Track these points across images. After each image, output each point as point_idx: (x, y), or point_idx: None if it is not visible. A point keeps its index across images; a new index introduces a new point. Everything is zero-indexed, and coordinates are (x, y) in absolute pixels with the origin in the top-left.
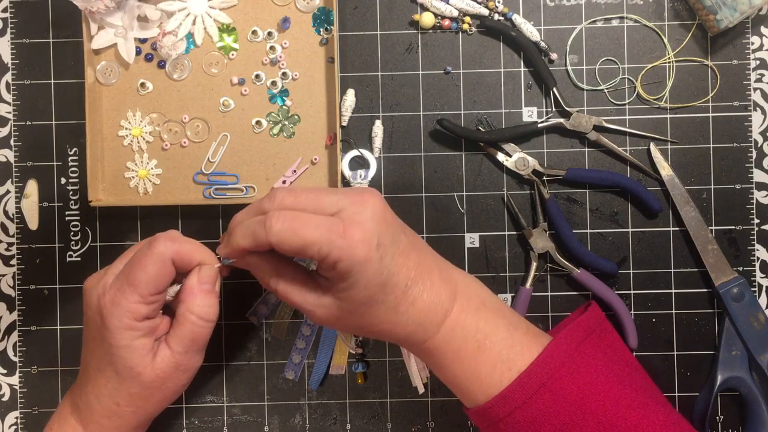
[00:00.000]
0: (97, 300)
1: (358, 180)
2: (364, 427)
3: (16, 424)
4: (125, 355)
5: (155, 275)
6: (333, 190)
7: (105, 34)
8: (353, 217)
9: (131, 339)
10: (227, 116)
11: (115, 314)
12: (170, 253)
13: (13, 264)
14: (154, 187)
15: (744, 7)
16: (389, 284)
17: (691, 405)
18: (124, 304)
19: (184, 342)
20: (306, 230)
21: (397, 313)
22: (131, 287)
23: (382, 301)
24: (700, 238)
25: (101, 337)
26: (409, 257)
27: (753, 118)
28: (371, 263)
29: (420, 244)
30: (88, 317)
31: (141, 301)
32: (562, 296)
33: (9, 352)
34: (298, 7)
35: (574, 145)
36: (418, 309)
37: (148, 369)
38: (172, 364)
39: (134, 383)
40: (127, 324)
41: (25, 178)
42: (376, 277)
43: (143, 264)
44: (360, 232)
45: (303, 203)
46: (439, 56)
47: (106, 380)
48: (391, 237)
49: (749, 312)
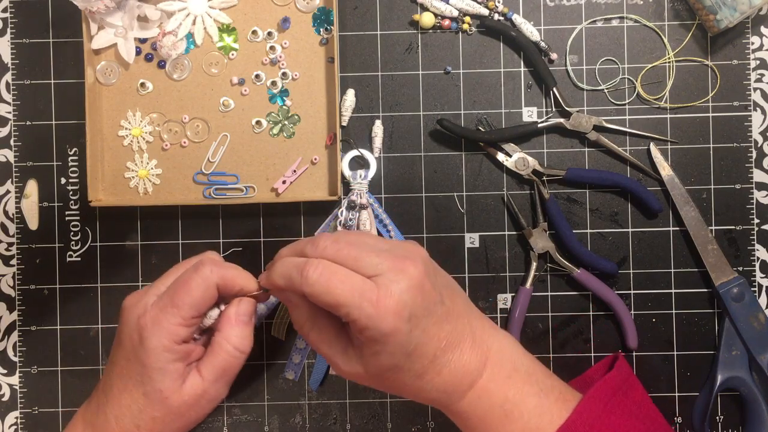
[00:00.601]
0: (137, 319)
1: (358, 180)
2: (364, 427)
3: (16, 424)
4: (157, 378)
5: (199, 298)
6: (376, 249)
7: (105, 34)
8: (389, 285)
9: (166, 361)
10: (227, 116)
11: (155, 334)
12: (215, 278)
13: (13, 264)
14: (154, 187)
15: (744, 7)
16: (416, 354)
17: (691, 405)
18: (165, 325)
19: (216, 371)
20: (339, 290)
21: (423, 381)
22: (174, 308)
23: (408, 369)
24: (700, 238)
25: (135, 357)
26: (442, 327)
27: (753, 118)
28: (400, 335)
29: (459, 310)
30: (123, 335)
31: (182, 323)
32: (562, 296)
33: (9, 352)
34: (298, 7)
35: (574, 145)
36: (444, 378)
37: (176, 394)
38: (200, 391)
39: (160, 407)
40: (165, 345)
41: (25, 178)
42: (403, 347)
43: (189, 287)
44: (393, 303)
45: (344, 257)
46: (439, 56)
47: (131, 401)
48: (426, 309)
49: (749, 312)
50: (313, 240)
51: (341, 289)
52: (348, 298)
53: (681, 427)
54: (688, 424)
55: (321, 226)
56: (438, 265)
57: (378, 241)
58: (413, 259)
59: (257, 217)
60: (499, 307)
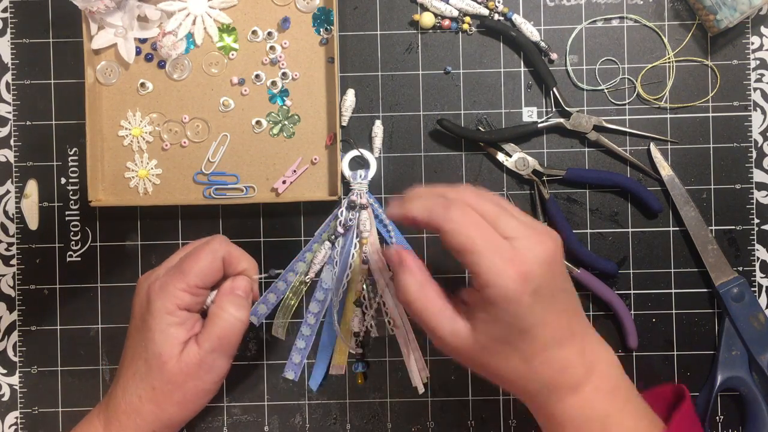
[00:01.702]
0: (147, 287)
1: (358, 180)
2: (364, 427)
3: (16, 424)
4: (158, 340)
5: (205, 267)
6: (517, 214)
7: (105, 34)
8: (525, 251)
9: (168, 324)
10: (227, 116)
11: (160, 297)
12: (222, 252)
13: (13, 264)
14: (154, 187)
15: (744, 7)
16: (531, 334)
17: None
18: (170, 289)
19: (212, 339)
20: (477, 235)
21: (529, 367)
22: (181, 274)
23: (517, 347)
24: (700, 238)
25: (142, 323)
26: (560, 317)
27: (753, 118)
28: (521, 305)
29: (577, 310)
30: (135, 306)
31: (187, 289)
32: None
33: (9, 352)
34: (298, 7)
35: (574, 145)
36: (551, 370)
37: (173, 360)
38: (197, 360)
39: (158, 374)
40: (168, 308)
41: (25, 178)
42: (521, 321)
43: (197, 256)
44: (525, 268)
45: (485, 211)
46: (439, 56)
47: (135, 369)
48: (551, 290)
49: (749, 312)
50: (455, 187)
51: (479, 235)
52: (483, 246)
53: None
54: None
55: (321, 226)
56: None
57: (516, 210)
58: (552, 237)
59: (257, 217)
60: None
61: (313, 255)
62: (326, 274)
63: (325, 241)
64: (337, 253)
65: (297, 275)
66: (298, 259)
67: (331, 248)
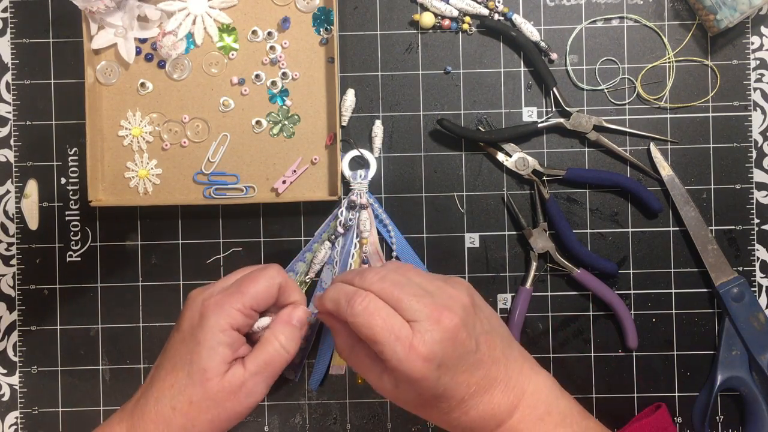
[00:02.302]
0: (201, 302)
1: (358, 180)
2: (364, 427)
3: (16, 424)
4: (205, 355)
5: (263, 291)
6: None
7: (105, 34)
8: (424, 334)
9: (218, 342)
10: (227, 116)
11: (215, 313)
12: (280, 279)
13: (13, 264)
14: (154, 187)
15: (744, 7)
16: (444, 396)
17: (691, 405)
18: (227, 308)
19: (258, 363)
20: (378, 327)
21: (450, 417)
22: (239, 294)
23: (435, 406)
24: (700, 238)
25: (191, 336)
26: (473, 374)
27: (753, 118)
28: (427, 381)
29: (496, 355)
30: (184, 318)
31: (242, 310)
32: (562, 296)
33: (9, 352)
34: (298, 7)
35: (574, 145)
36: (471, 417)
37: (217, 378)
38: (240, 381)
39: (200, 389)
40: (222, 326)
41: (25, 178)
42: (430, 390)
43: (256, 278)
44: (424, 351)
45: (387, 296)
46: (439, 56)
47: (174, 381)
48: (458, 358)
49: (749, 312)
50: (362, 272)
51: (380, 326)
52: (384, 336)
53: (681, 427)
54: (688, 424)
55: (321, 226)
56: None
57: (424, 281)
58: (452, 309)
59: (257, 217)
60: (499, 307)
61: (313, 255)
62: (326, 274)
63: (325, 241)
64: (337, 253)
65: (297, 275)
66: (298, 259)
67: (331, 248)
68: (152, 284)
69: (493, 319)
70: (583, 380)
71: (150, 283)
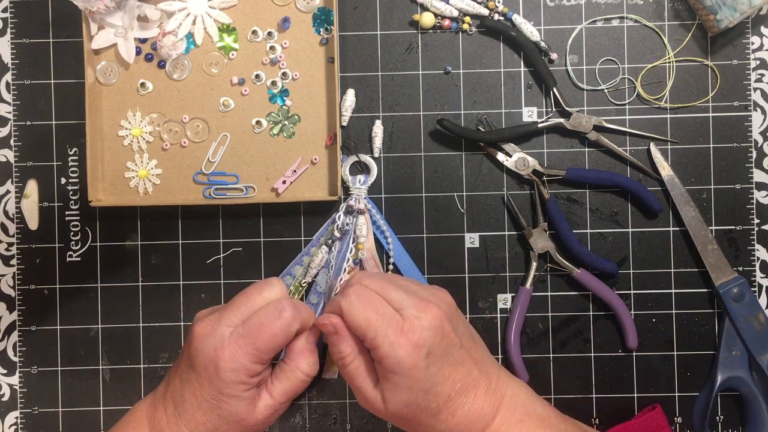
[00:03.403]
0: (213, 351)
1: (357, 185)
2: (364, 427)
3: (16, 424)
4: (233, 403)
5: (281, 344)
6: (405, 288)
7: (105, 34)
8: (414, 320)
9: (241, 392)
10: (227, 116)
11: (232, 368)
12: (297, 326)
13: (13, 264)
14: (154, 187)
15: (744, 7)
16: (432, 392)
17: (691, 405)
18: (243, 363)
19: (288, 394)
20: (372, 311)
21: (437, 420)
22: (256, 351)
23: (424, 407)
24: (700, 238)
25: (210, 384)
26: (458, 369)
27: (753, 118)
28: (418, 369)
29: (476, 357)
30: (197, 362)
31: (260, 362)
32: (562, 296)
33: (9, 352)
34: (298, 7)
35: (574, 145)
36: (457, 419)
37: (251, 416)
38: (271, 411)
39: (236, 426)
40: (242, 379)
41: (25, 178)
42: (420, 383)
43: (273, 333)
44: (414, 336)
45: (376, 288)
46: (439, 56)
47: (206, 420)
48: (444, 349)
49: (749, 312)
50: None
51: (373, 313)
52: (377, 321)
53: (681, 427)
54: (688, 424)
55: (319, 231)
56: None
57: (409, 283)
58: (437, 304)
59: (257, 217)
60: (499, 307)
61: (310, 259)
62: (321, 277)
63: (322, 246)
64: (333, 257)
65: (294, 279)
66: (295, 262)
67: (328, 252)
68: (152, 284)
69: (470, 328)
70: (583, 380)
71: (150, 283)
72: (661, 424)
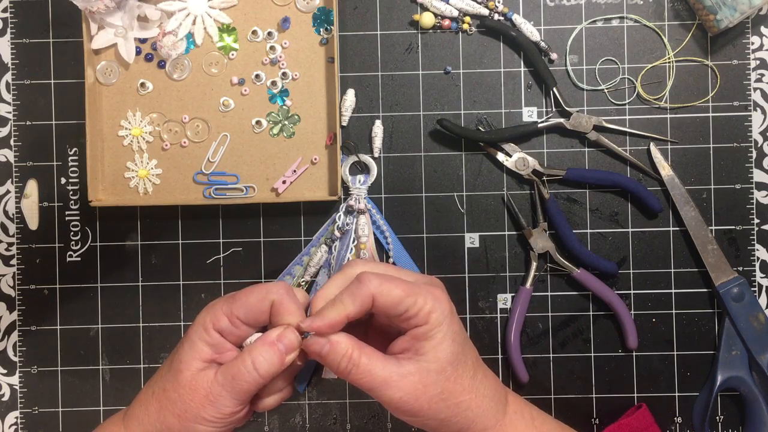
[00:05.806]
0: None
1: (357, 185)
2: (364, 427)
3: (16, 424)
4: (185, 348)
5: (252, 303)
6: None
7: (105, 34)
8: (429, 282)
9: (198, 337)
10: (227, 116)
11: (203, 312)
12: (275, 296)
13: (13, 264)
14: (154, 187)
15: (744, 7)
16: (467, 345)
17: (691, 405)
18: (214, 309)
19: (225, 375)
20: (401, 284)
21: (475, 380)
22: (230, 299)
23: (464, 361)
24: (700, 238)
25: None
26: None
27: (753, 118)
28: (456, 317)
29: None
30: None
31: (228, 315)
32: (562, 296)
33: (9, 352)
34: (298, 7)
35: (574, 145)
36: (489, 381)
37: (189, 372)
38: (206, 385)
39: (172, 378)
40: (206, 324)
41: (25, 178)
42: (460, 333)
43: (250, 290)
44: (439, 291)
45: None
46: (439, 56)
47: (161, 369)
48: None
49: (749, 312)
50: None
51: (403, 284)
52: (410, 288)
53: (681, 427)
54: (688, 424)
55: (319, 230)
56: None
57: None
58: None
59: (257, 217)
60: (499, 307)
61: (309, 258)
62: (321, 277)
63: (322, 245)
64: (334, 257)
65: (294, 278)
66: (295, 262)
67: (328, 252)
68: (152, 284)
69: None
70: (583, 380)
71: (150, 283)
72: (648, 422)
